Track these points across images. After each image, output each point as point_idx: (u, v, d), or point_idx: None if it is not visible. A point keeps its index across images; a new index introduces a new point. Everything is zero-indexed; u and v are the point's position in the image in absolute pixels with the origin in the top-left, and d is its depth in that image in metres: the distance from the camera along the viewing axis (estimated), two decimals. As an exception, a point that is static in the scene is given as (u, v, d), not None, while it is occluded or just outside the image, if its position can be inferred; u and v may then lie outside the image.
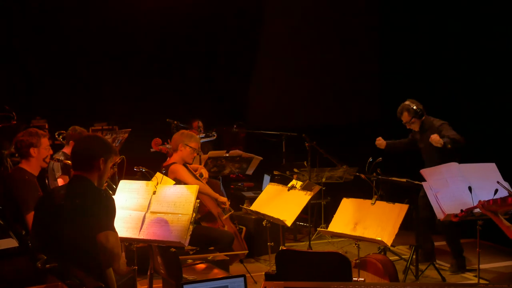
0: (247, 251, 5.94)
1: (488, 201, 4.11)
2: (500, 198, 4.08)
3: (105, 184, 3.68)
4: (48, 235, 3.41)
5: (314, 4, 9.64)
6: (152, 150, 7.12)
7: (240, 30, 9.70)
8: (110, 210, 3.40)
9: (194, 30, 9.49)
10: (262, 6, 9.81)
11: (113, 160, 3.67)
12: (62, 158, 5.67)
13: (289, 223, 4.97)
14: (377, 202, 4.73)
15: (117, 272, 3.42)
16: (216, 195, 5.92)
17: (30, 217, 4.14)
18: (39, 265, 3.18)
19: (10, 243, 3.76)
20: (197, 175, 5.97)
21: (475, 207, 4.27)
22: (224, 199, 5.97)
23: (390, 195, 5.88)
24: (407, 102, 6.30)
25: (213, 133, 8.02)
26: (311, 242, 6.99)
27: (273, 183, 5.65)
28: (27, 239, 3.42)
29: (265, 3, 9.79)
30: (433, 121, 6.25)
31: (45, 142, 4.70)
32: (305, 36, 9.76)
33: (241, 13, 9.60)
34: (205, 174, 6.14)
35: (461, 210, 4.42)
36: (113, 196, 3.76)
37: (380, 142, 6.69)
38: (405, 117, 6.30)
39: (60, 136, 6.52)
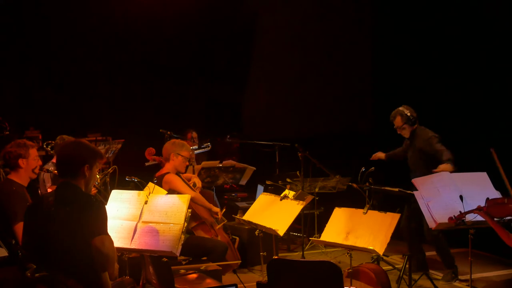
0: (240, 261, 5.93)
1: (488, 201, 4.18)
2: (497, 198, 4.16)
3: (93, 190, 3.67)
4: (38, 243, 3.39)
5: (307, 15, 9.69)
6: (146, 164, 7.11)
7: (233, 41, 9.74)
8: (102, 214, 3.38)
9: (187, 41, 9.52)
10: (256, 18, 9.86)
11: (99, 164, 3.65)
12: (52, 168, 5.67)
13: (281, 232, 4.97)
14: (369, 211, 4.75)
15: (111, 277, 3.42)
16: (210, 205, 5.93)
17: (18, 227, 4.14)
18: (29, 274, 3.17)
19: (0, 252, 3.75)
20: (190, 185, 5.98)
21: (473, 211, 4.32)
22: (217, 209, 5.98)
23: (383, 205, 5.89)
24: (401, 108, 6.35)
25: (208, 144, 8.01)
26: (305, 252, 6.98)
27: (265, 193, 5.65)
28: (17, 248, 3.40)
29: (259, 15, 9.84)
30: (424, 132, 6.29)
31: (33, 152, 4.69)
32: (299, 47, 9.80)
33: (235, 24, 9.64)
34: (198, 183, 6.15)
35: (460, 212, 4.47)
36: (102, 200, 3.75)
37: (379, 155, 6.73)
38: (397, 121, 6.34)
39: (49, 146, 6.51)
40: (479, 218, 4.55)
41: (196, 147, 7.76)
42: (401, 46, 8.85)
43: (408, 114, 6.27)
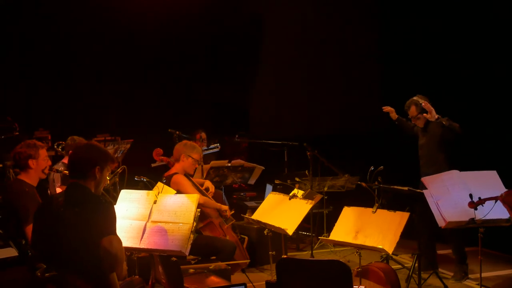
0: (249, 260, 5.92)
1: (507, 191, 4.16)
2: None
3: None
4: (47, 243, 3.41)
5: (315, 15, 9.69)
6: (153, 165, 7.12)
7: (241, 41, 9.74)
8: (110, 215, 3.40)
9: (195, 41, 9.54)
10: (263, 17, 9.86)
11: (110, 168, 3.67)
12: (62, 168, 5.69)
13: (290, 231, 4.96)
14: (378, 210, 4.74)
15: (119, 277, 3.43)
16: (219, 205, 5.94)
17: (30, 229, 4.16)
18: (39, 274, 3.19)
19: (10, 252, 3.77)
20: (203, 189, 5.98)
21: (494, 198, 4.30)
22: (225, 207, 5.99)
23: (392, 204, 5.87)
24: (416, 98, 6.32)
25: (217, 144, 8.02)
26: (314, 251, 6.98)
27: (274, 192, 5.65)
28: (27, 248, 3.42)
29: (266, 15, 9.84)
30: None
31: (43, 153, 4.72)
32: (306, 46, 9.79)
33: (242, 23, 9.64)
34: (212, 188, 6.15)
35: (479, 198, 4.44)
36: (111, 200, 3.76)
37: (393, 113, 6.71)
38: (412, 111, 6.33)
39: (60, 147, 6.54)
40: (490, 216, 4.54)
41: (205, 147, 7.76)
42: (408, 47, 8.81)
43: (423, 104, 6.25)
